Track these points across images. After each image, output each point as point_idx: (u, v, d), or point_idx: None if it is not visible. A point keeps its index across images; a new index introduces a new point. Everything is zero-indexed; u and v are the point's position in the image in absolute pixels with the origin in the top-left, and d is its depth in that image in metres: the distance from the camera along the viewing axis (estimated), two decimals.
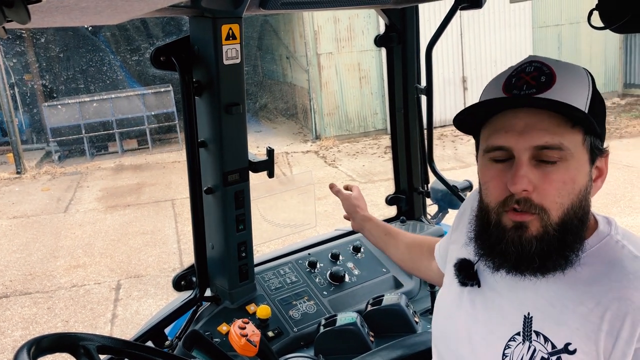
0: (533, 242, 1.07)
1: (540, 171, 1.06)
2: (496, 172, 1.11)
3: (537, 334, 1.10)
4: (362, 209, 1.97)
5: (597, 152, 1.11)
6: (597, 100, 1.10)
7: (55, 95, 16.00)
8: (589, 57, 15.08)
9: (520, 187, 1.05)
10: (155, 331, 1.99)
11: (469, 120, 1.18)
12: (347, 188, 2.06)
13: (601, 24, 1.32)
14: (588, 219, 1.12)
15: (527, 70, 1.10)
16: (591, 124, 1.04)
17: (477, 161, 1.20)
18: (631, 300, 1.01)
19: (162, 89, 15.09)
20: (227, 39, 1.79)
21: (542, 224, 1.07)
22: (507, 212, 1.09)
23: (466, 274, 1.25)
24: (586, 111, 1.06)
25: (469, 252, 1.26)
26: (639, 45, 15.62)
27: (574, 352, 1.04)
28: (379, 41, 2.58)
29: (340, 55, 13.64)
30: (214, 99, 1.87)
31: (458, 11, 2.32)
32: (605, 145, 1.14)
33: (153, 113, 15.02)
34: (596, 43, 14.96)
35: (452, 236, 1.45)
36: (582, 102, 1.07)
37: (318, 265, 2.40)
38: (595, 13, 1.33)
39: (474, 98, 13.48)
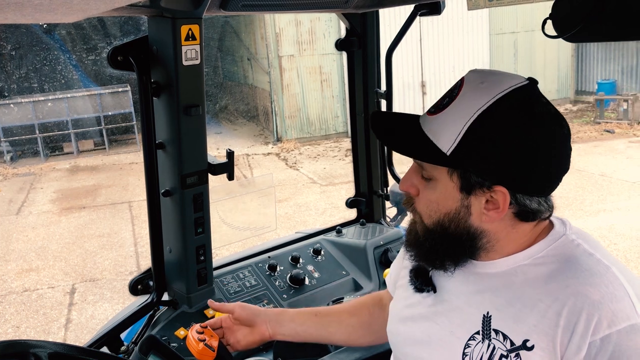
0: (419, 236, 1.24)
1: (422, 183, 1.21)
2: None
3: (496, 332, 1.12)
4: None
5: (474, 185, 1.12)
6: (483, 128, 1.07)
7: (6, 94, 15.50)
8: (543, 64, 15.56)
9: (403, 187, 1.24)
10: (110, 336, 1.94)
11: None
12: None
13: (554, 33, 1.37)
14: (472, 239, 1.16)
15: (454, 85, 1.17)
16: (451, 163, 1.12)
17: None
18: (586, 295, 1.05)
19: (120, 89, 14.81)
20: (187, 39, 1.77)
21: (419, 226, 1.24)
22: None
23: (423, 279, 1.29)
24: (455, 145, 1.09)
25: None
26: (590, 53, 16.20)
27: (531, 348, 1.07)
28: (340, 45, 2.59)
29: (301, 58, 13.66)
30: (173, 100, 1.84)
31: (417, 17, 2.35)
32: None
33: (110, 113, 14.74)
34: (550, 51, 15.44)
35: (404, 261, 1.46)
36: (452, 136, 1.10)
37: (278, 269, 2.39)
38: (549, 22, 1.38)
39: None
